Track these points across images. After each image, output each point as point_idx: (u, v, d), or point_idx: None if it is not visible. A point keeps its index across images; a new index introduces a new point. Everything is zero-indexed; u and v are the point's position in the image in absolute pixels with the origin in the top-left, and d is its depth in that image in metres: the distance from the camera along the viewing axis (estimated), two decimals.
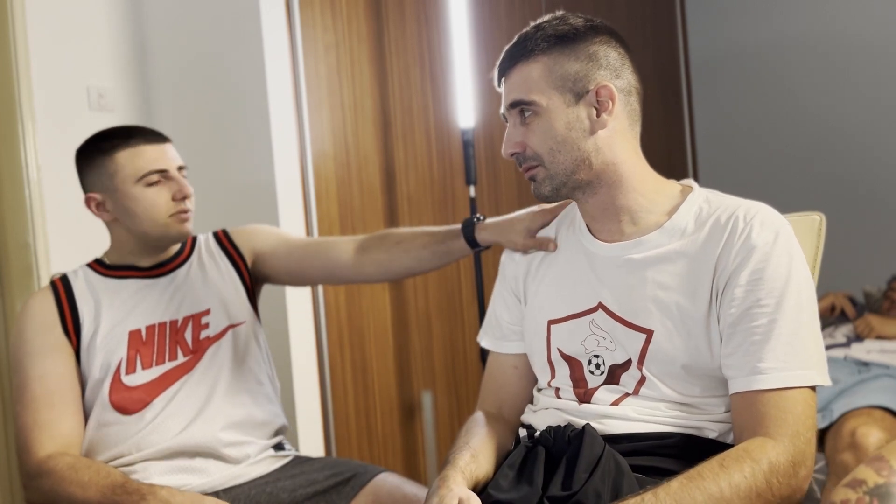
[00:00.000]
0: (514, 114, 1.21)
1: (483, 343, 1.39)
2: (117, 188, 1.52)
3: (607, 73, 1.17)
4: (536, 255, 1.34)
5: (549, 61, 1.17)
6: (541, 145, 1.18)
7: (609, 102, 1.17)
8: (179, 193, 1.53)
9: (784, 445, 1.04)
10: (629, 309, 1.18)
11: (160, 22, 2.46)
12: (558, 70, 1.17)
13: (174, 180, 1.54)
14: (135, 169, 1.51)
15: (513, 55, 1.21)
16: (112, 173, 1.52)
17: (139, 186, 1.51)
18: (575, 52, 1.17)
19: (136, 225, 1.54)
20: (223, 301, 1.61)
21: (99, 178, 1.53)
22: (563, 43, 1.18)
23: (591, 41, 1.18)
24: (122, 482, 1.35)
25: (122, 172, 1.51)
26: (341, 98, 2.50)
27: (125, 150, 1.52)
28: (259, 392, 1.60)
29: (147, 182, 1.51)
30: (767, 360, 1.07)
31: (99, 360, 1.49)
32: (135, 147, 1.52)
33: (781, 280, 1.09)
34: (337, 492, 1.52)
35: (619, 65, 1.19)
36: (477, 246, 1.51)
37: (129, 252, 1.58)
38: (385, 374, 2.61)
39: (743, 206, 1.16)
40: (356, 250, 1.63)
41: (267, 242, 1.69)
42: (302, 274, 1.69)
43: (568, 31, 1.18)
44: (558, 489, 1.06)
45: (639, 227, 1.21)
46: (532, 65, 1.18)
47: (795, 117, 3.80)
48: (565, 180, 1.19)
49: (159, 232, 1.54)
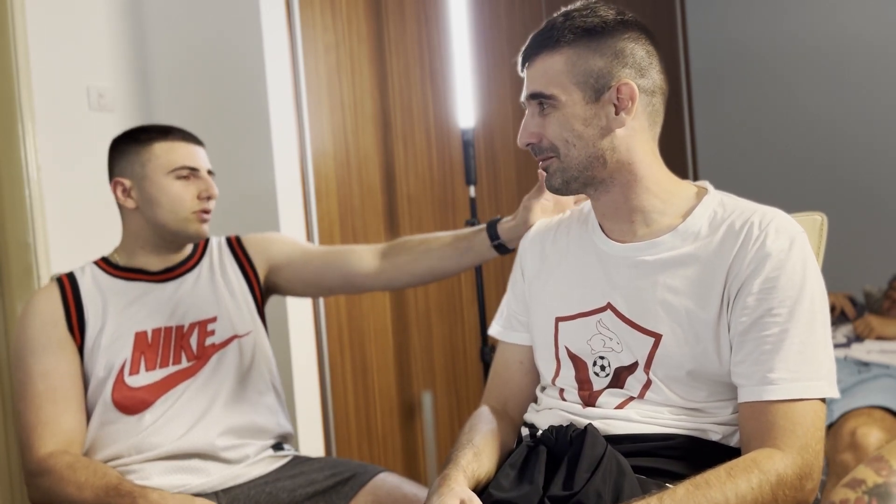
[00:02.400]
0: (532, 104, 1.19)
1: (492, 331, 1.38)
2: (147, 176, 1.54)
3: (631, 71, 1.15)
4: (548, 245, 1.32)
5: (574, 55, 1.15)
6: (557, 137, 1.17)
7: (629, 102, 1.14)
8: (205, 192, 1.56)
9: (792, 458, 1.03)
10: (638, 311, 1.17)
11: (160, 22, 2.46)
12: (581, 65, 1.15)
13: (203, 180, 1.57)
14: (169, 160, 1.55)
15: (538, 43, 1.18)
16: (145, 161, 1.55)
17: (169, 178, 1.54)
18: (601, 47, 1.15)
19: (158, 215, 1.55)
20: (230, 311, 1.61)
21: (130, 165, 1.56)
22: (590, 36, 1.15)
23: (620, 37, 1.15)
24: (116, 484, 1.35)
25: (155, 161, 1.54)
26: (341, 98, 2.50)
27: (163, 142, 1.56)
28: (260, 403, 1.59)
29: (178, 175, 1.55)
30: (778, 371, 1.06)
31: (103, 360, 1.49)
32: (172, 141, 1.57)
33: (795, 289, 1.08)
34: (336, 492, 1.52)
35: (646, 63, 1.16)
36: (497, 238, 1.50)
37: (140, 247, 1.58)
38: (385, 374, 2.61)
39: (758, 211, 1.14)
40: (376, 257, 1.64)
41: (283, 253, 1.69)
42: (319, 284, 1.69)
43: (597, 25, 1.15)
44: (559, 489, 1.06)
45: (652, 228, 1.19)
46: (556, 56, 1.16)
47: (796, 118, 3.80)
48: (577, 175, 1.18)
49: (178, 226, 1.55)
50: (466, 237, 1.56)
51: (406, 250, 1.61)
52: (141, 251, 1.58)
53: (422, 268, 1.60)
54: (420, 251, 1.60)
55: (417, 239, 1.63)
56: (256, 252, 1.68)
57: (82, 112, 2.28)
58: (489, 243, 1.51)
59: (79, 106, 2.27)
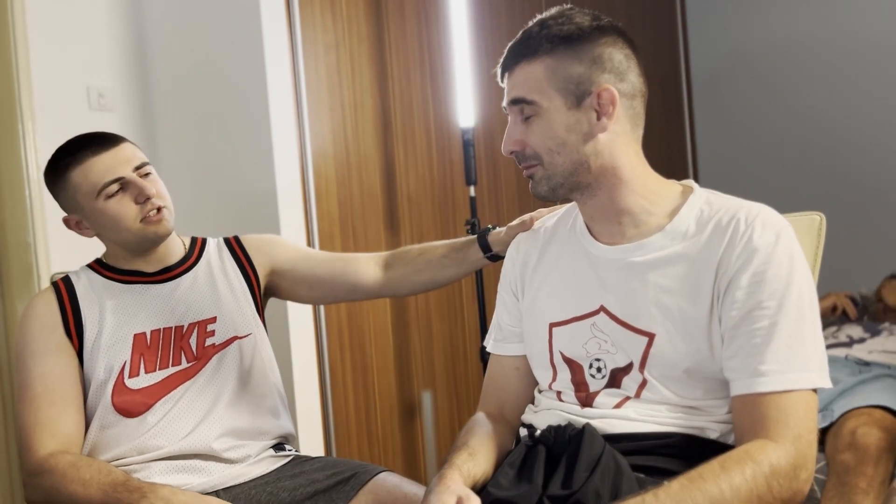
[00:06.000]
0: (514, 111, 1.20)
1: (487, 347, 1.40)
2: (83, 206, 1.49)
3: (611, 76, 1.15)
4: (534, 253, 1.33)
5: (553, 62, 1.15)
6: (540, 145, 1.17)
7: (610, 106, 1.15)
8: (141, 197, 1.48)
9: (785, 448, 1.03)
10: (631, 312, 1.17)
11: (160, 22, 2.46)
12: (561, 72, 1.15)
13: (133, 184, 1.48)
14: (90, 185, 1.47)
15: (516, 53, 1.19)
16: (72, 194, 1.49)
17: (100, 201, 1.47)
18: (579, 54, 1.15)
19: (114, 236, 1.52)
20: (230, 311, 1.60)
21: (65, 200, 1.52)
22: (568, 44, 1.15)
23: (597, 43, 1.16)
24: (124, 480, 1.35)
25: (80, 191, 1.48)
26: (341, 98, 2.50)
27: (76, 168, 1.48)
28: (262, 405, 1.59)
29: (106, 195, 1.47)
30: (768, 363, 1.07)
31: (102, 363, 1.49)
32: (83, 163, 1.47)
33: (783, 282, 1.09)
34: (337, 491, 1.52)
35: (625, 67, 1.17)
36: (489, 250, 1.55)
37: (123, 259, 1.58)
38: (385, 374, 2.61)
39: (744, 207, 1.15)
40: (379, 267, 1.66)
41: (286, 257, 1.68)
42: (323, 290, 1.69)
43: (573, 32, 1.16)
44: (558, 488, 1.06)
45: (640, 229, 1.20)
46: (535, 65, 1.16)
47: (795, 118, 3.80)
48: (563, 181, 1.18)
49: (136, 238, 1.51)
50: (461, 249, 1.60)
51: (406, 262, 1.64)
52: (125, 261, 1.58)
53: (423, 278, 1.64)
54: (421, 262, 1.63)
55: (416, 250, 1.65)
56: (257, 253, 1.67)
57: (82, 112, 2.28)
58: (482, 255, 1.57)
59: (79, 106, 2.28)
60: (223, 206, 2.32)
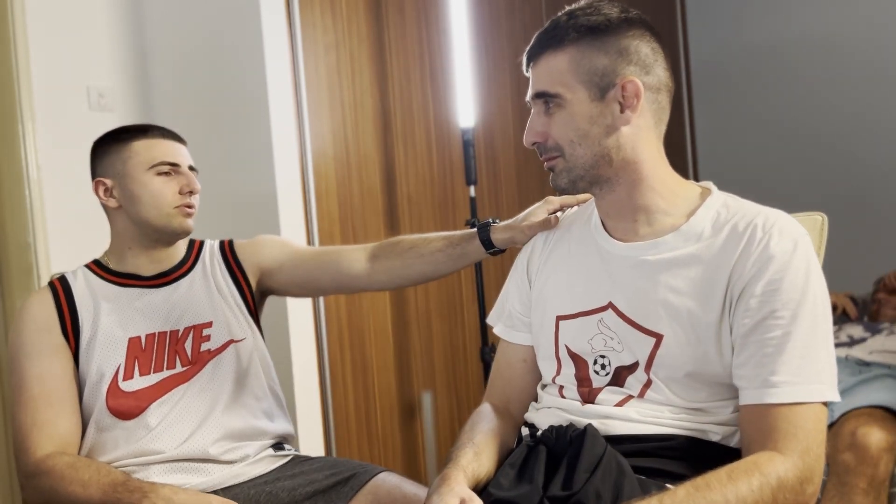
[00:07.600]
0: (538, 103, 1.19)
1: (496, 329, 1.38)
2: (128, 173, 1.54)
3: (636, 68, 1.14)
4: (549, 244, 1.32)
5: (578, 53, 1.15)
6: (562, 137, 1.16)
7: (634, 99, 1.14)
8: (187, 187, 1.55)
9: (793, 461, 1.02)
10: (640, 311, 1.16)
11: (160, 22, 2.46)
12: (586, 63, 1.14)
13: (184, 175, 1.56)
14: (149, 157, 1.54)
15: (542, 42, 1.18)
16: (126, 158, 1.54)
17: (150, 174, 1.54)
18: (605, 45, 1.14)
19: (141, 212, 1.54)
20: (226, 316, 1.60)
21: (111, 164, 1.56)
22: (595, 34, 1.14)
23: (624, 35, 1.15)
24: (124, 480, 1.35)
25: (135, 158, 1.54)
26: (341, 98, 2.50)
27: (142, 139, 1.56)
28: (258, 408, 1.59)
29: (158, 171, 1.54)
30: (780, 374, 1.06)
31: (97, 364, 1.49)
32: (152, 139, 1.56)
33: (798, 292, 1.07)
34: (336, 491, 1.52)
35: (651, 60, 1.16)
36: (492, 247, 1.50)
37: (128, 248, 1.57)
38: (385, 374, 2.61)
39: (762, 213, 1.14)
40: (367, 259, 1.62)
41: (272, 257, 1.67)
42: (312, 286, 1.69)
43: (601, 23, 1.15)
44: (559, 489, 1.06)
45: (654, 228, 1.19)
46: (560, 55, 1.15)
47: (796, 117, 3.80)
48: (583, 174, 1.17)
49: (162, 222, 1.54)
50: (459, 244, 1.54)
51: (397, 255, 1.60)
52: (130, 253, 1.58)
53: (414, 272, 1.60)
54: (412, 256, 1.58)
55: (409, 242, 1.60)
56: (247, 258, 1.67)
57: (82, 112, 2.28)
58: (483, 250, 1.51)
59: (79, 106, 2.28)
60: (223, 206, 2.32)
